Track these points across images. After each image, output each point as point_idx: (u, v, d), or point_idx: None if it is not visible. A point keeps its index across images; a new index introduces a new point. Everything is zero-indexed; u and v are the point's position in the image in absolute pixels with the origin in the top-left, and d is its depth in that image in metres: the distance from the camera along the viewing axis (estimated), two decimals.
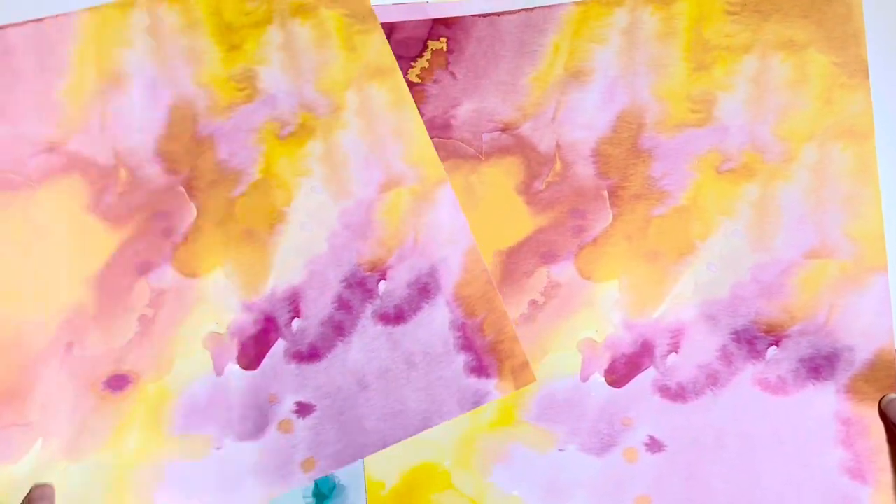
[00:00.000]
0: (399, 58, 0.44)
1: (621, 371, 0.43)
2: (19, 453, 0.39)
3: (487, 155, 0.44)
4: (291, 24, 0.43)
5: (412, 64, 0.44)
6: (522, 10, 0.43)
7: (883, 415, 0.40)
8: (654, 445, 0.42)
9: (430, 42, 0.44)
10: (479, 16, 0.44)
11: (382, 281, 0.43)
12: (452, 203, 0.43)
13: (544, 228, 0.44)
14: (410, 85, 0.44)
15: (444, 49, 0.44)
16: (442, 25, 0.44)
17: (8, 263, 0.40)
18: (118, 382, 0.41)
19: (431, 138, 0.44)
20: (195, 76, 0.42)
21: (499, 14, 0.44)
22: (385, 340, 0.43)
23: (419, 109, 0.44)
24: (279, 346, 0.42)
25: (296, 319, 0.43)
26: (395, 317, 0.43)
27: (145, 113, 0.42)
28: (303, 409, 0.42)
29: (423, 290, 0.43)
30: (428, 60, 0.44)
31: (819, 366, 0.41)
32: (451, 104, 0.44)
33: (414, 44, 0.44)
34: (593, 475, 0.42)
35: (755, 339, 0.42)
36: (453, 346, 0.43)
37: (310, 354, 0.42)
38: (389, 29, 0.44)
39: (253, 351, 0.42)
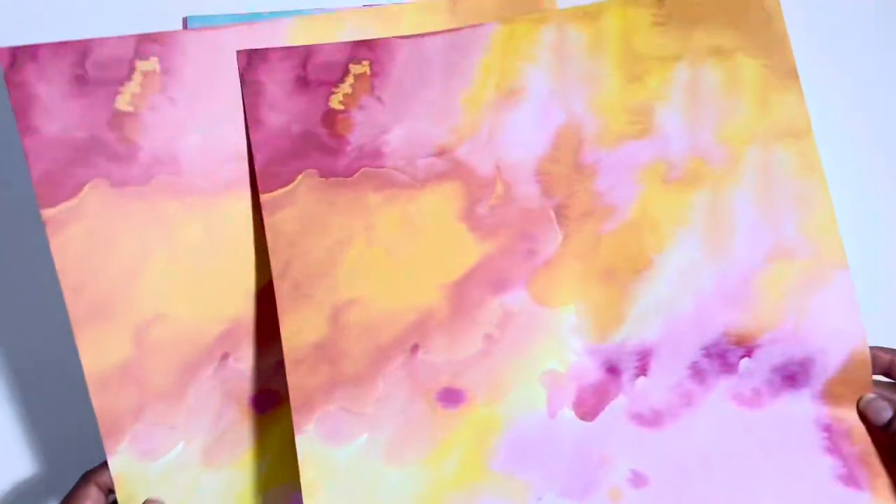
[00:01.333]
0: (318, 83, 0.40)
1: (590, 402, 0.39)
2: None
3: (424, 182, 0.41)
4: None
5: (333, 90, 0.41)
6: (447, 31, 0.41)
7: (863, 416, 0.39)
8: (637, 480, 0.38)
9: (351, 66, 0.41)
10: (402, 38, 0.41)
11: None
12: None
13: (492, 255, 0.40)
14: (333, 113, 0.41)
15: (368, 73, 0.41)
16: (363, 48, 0.41)
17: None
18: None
19: (361, 168, 0.40)
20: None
21: (422, 35, 0.41)
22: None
23: (345, 139, 0.40)
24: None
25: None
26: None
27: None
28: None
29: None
30: (351, 85, 0.41)
31: (794, 373, 0.39)
32: (381, 131, 0.41)
33: (334, 68, 0.41)
34: None
35: (726, 352, 0.39)
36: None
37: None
38: (305, 53, 0.40)
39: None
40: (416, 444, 0.38)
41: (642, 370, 0.40)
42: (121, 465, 0.37)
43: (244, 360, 0.39)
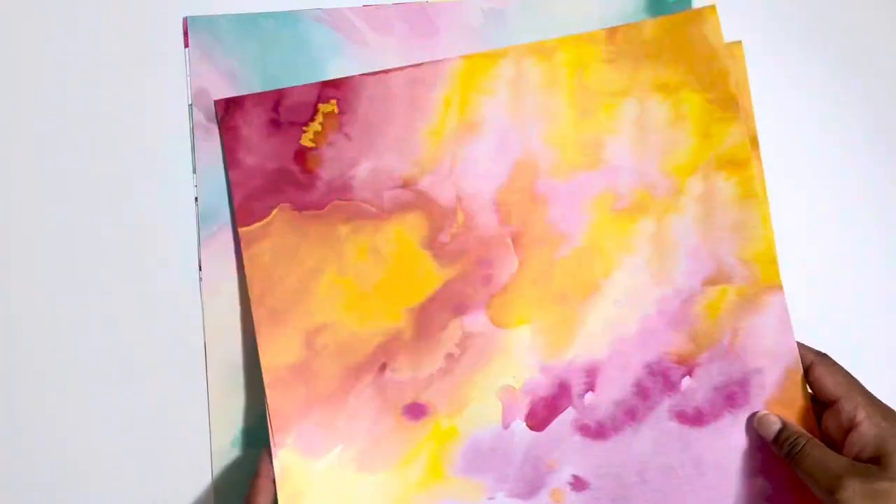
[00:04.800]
0: (290, 124, 0.45)
1: (541, 414, 0.45)
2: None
3: (390, 212, 0.46)
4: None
5: (304, 129, 0.45)
6: (410, 66, 0.46)
7: (758, 433, 0.44)
8: (578, 484, 0.44)
9: (320, 105, 0.45)
10: (368, 75, 0.46)
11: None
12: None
13: (453, 280, 0.46)
14: (304, 150, 0.45)
15: (336, 111, 0.46)
16: (331, 87, 0.45)
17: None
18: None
19: (331, 201, 0.45)
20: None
21: (386, 72, 0.46)
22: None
23: (316, 174, 0.45)
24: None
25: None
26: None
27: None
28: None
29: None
30: (320, 124, 0.46)
31: (733, 392, 0.45)
32: (349, 165, 0.46)
33: (304, 109, 0.45)
34: None
35: (668, 370, 0.45)
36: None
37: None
38: (277, 97, 0.45)
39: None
40: (385, 453, 0.45)
41: (590, 386, 0.45)
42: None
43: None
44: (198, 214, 0.46)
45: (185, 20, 0.45)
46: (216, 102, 0.45)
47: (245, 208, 0.45)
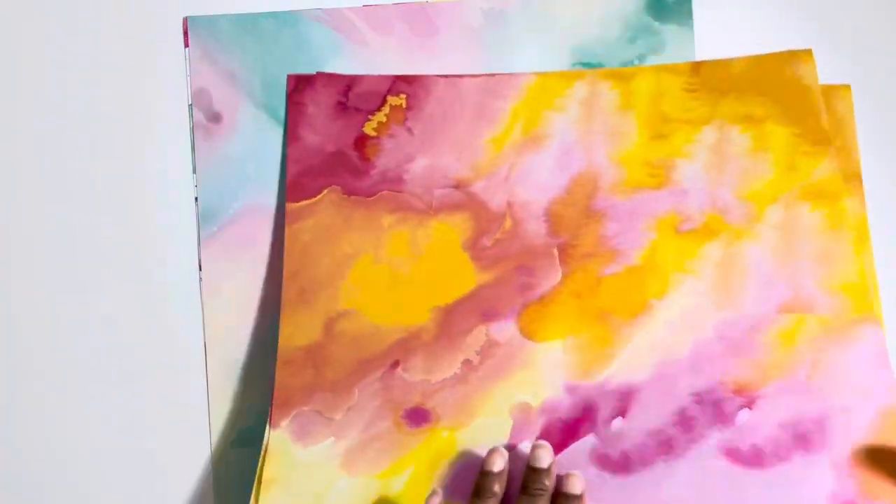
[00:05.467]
0: (357, 110, 0.47)
1: (556, 438, 0.38)
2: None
3: (437, 210, 0.44)
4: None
5: (370, 117, 0.46)
6: (485, 75, 0.46)
7: None
8: None
9: (389, 97, 0.47)
10: (442, 76, 0.47)
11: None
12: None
13: (488, 285, 0.42)
14: (365, 138, 0.46)
15: (404, 105, 0.46)
16: (403, 82, 0.47)
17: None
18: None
19: (381, 191, 0.45)
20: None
21: (460, 76, 0.47)
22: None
23: (372, 162, 0.46)
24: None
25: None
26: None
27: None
28: None
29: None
30: (386, 115, 0.46)
31: (807, 432, 0.36)
32: (406, 159, 0.46)
33: (373, 97, 0.47)
34: None
35: (722, 400, 0.37)
36: None
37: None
38: (349, 81, 0.47)
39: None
40: (373, 456, 0.39)
41: (621, 410, 0.38)
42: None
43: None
44: (198, 214, 0.46)
45: (185, 20, 0.47)
46: (288, 77, 0.47)
47: (296, 184, 0.46)
